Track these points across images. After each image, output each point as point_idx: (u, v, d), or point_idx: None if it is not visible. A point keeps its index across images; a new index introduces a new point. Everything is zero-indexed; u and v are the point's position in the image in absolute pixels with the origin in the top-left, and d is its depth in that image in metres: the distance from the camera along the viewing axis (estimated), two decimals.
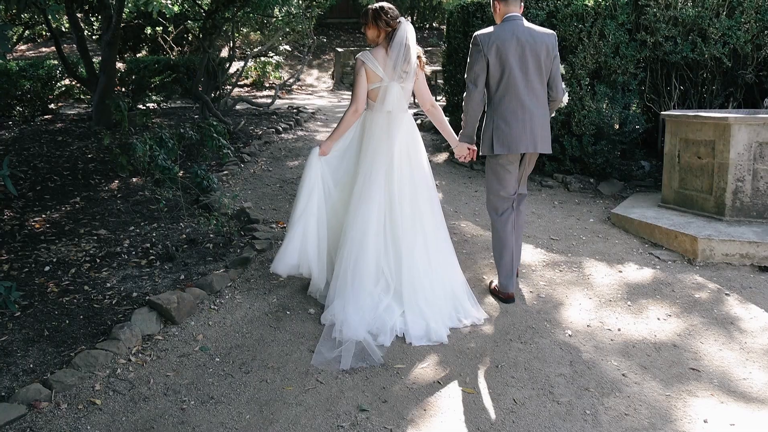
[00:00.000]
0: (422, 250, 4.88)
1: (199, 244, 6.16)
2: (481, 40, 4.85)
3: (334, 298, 4.76)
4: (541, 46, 4.84)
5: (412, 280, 4.80)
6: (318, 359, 4.28)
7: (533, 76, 4.88)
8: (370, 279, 4.78)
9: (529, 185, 8.19)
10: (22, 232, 6.55)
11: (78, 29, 11.52)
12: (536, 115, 4.92)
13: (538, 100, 4.94)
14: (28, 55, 20.32)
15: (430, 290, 4.83)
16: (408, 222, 4.86)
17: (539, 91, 4.94)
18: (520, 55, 4.82)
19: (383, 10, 4.77)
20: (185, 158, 8.89)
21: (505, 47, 4.80)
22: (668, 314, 4.89)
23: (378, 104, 4.85)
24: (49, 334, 4.47)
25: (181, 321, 4.66)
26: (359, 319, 4.55)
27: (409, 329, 4.60)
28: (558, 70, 5.02)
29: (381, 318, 4.64)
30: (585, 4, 7.65)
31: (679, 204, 6.63)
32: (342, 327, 4.49)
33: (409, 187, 4.89)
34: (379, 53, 4.77)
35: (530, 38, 4.83)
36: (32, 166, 8.99)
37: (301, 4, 14.15)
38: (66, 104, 14.74)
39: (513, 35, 4.81)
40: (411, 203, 4.89)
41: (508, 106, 4.90)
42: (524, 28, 4.87)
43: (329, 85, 20.09)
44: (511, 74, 4.84)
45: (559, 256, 6.03)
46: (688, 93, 7.77)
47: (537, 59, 4.85)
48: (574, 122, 7.86)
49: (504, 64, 4.83)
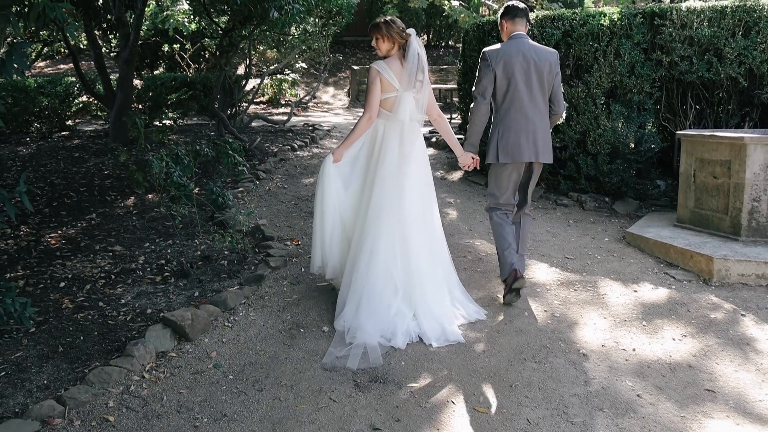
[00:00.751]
0: (427, 252, 5.10)
1: (213, 261, 6.17)
2: (490, 55, 5.29)
3: (346, 304, 4.91)
4: (544, 63, 5.27)
5: (420, 282, 5.00)
6: (329, 359, 4.46)
7: (536, 90, 5.29)
8: (382, 284, 4.92)
9: (545, 204, 8.20)
10: (38, 248, 6.59)
11: (96, 47, 11.62)
12: (539, 126, 5.31)
13: (540, 113, 5.34)
14: (46, 72, 20.50)
15: (436, 292, 5.06)
16: (417, 227, 5.06)
17: (542, 104, 5.35)
18: (525, 70, 5.23)
19: (394, 22, 5.00)
20: (201, 175, 8.93)
21: (511, 63, 5.22)
22: (683, 334, 4.86)
23: (392, 114, 5.02)
24: (63, 351, 4.49)
25: (195, 338, 4.66)
26: (373, 325, 4.72)
27: (426, 332, 4.79)
28: (559, 86, 5.43)
29: (393, 322, 4.80)
30: (600, 24, 7.65)
31: (694, 223, 6.60)
32: (356, 333, 4.66)
33: (417, 194, 5.10)
34: (394, 64, 4.98)
35: (535, 55, 5.26)
36: (49, 182, 9.06)
37: (318, 23, 14.21)
38: (83, 121, 14.85)
39: (519, 52, 5.24)
40: (419, 209, 5.11)
41: (512, 118, 5.28)
42: (529, 45, 5.32)
43: (345, 103, 20.14)
44: (516, 88, 5.24)
45: (573, 275, 6.01)
46: (704, 112, 7.74)
47: (540, 75, 5.27)
48: (589, 141, 7.86)
49: (510, 78, 5.24)
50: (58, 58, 22.52)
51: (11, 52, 4.18)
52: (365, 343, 4.57)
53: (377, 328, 4.72)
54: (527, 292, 5.61)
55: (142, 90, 13.49)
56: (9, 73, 4.14)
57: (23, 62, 4.23)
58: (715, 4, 7.44)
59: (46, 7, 4.26)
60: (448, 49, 23.73)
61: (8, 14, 4.25)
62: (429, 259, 5.10)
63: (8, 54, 4.16)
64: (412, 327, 4.83)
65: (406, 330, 4.79)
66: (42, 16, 4.29)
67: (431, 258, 5.13)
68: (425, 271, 5.04)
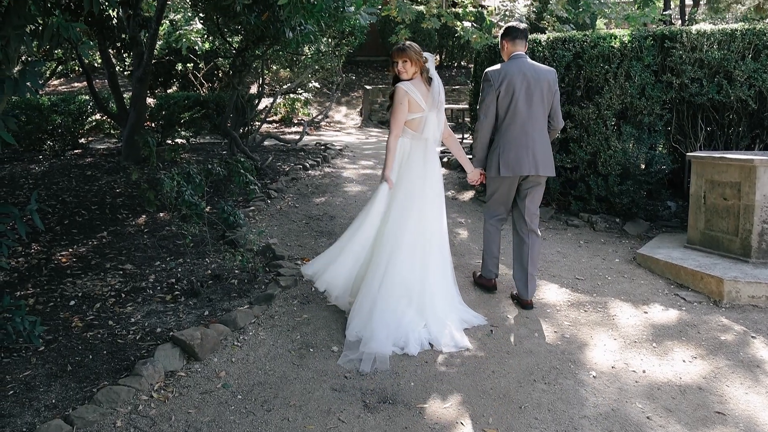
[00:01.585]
0: (439, 264, 5.36)
1: (224, 280, 6.19)
2: (492, 75, 5.59)
3: (360, 312, 5.07)
4: (543, 82, 5.54)
5: (432, 293, 5.23)
6: (343, 360, 4.72)
7: (536, 107, 5.55)
8: (397, 295, 5.08)
9: (555, 224, 8.19)
10: (49, 266, 6.62)
11: (110, 65, 11.71)
12: (538, 142, 5.58)
13: (540, 129, 5.61)
14: (60, 90, 20.66)
15: (446, 301, 5.32)
16: (433, 240, 5.30)
17: (541, 121, 5.61)
18: (525, 89, 5.50)
19: (415, 47, 5.27)
20: (212, 194, 8.97)
21: (512, 82, 5.50)
22: (694, 356, 4.83)
23: (418, 133, 5.30)
24: (72, 370, 4.50)
25: (204, 357, 4.66)
26: (386, 334, 4.88)
27: (438, 338, 4.99)
28: (558, 102, 5.70)
29: (405, 330, 4.98)
30: (611, 46, 7.67)
31: (705, 245, 6.58)
32: (370, 342, 4.81)
33: (435, 209, 5.35)
34: (420, 86, 5.26)
35: (534, 74, 5.53)
36: (61, 200, 9.11)
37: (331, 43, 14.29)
38: (96, 139, 14.94)
39: (520, 71, 5.51)
40: (436, 223, 5.35)
41: (513, 133, 5.57)
42: (529, 65, 5.59)
43: (357, 122, 20.20)
44: (516, 105, 5.52)
45: (584, 296, 5.99)
46: (715, 134, 7.73)
47: (540, 93, 5.54)
48: (600, 162, 7.86)
49: (511, 97, 5.52)
50: (72, 76, 22.69)
51: (24, 71, 4.22)
52: (380, 353, 4.73)
53: (390, 337, 4.89)
54: (537, 313, 5.60)
55: (156, 108, 13.57)
56: (22, 92, 4.18)
57: (36, 81, 4.27)
58: (724, 27, 7.46)
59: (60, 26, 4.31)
60: (461, 69, 23.81)
61: (22, 34, 4.30)
62: (441, 270, 5.37)
63: (21, 73, 4.20)
64: (423, 335, 5.03)
65: (418, 338, 4.98)
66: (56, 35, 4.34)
67: (443, 269, 5.39)
68: (438, 283, 5.30)
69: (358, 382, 4.43)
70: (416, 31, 20.81)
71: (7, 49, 4.18)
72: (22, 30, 4.35)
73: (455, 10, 17.45)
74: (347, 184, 10.40)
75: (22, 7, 4.35)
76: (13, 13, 4.34)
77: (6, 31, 4.22)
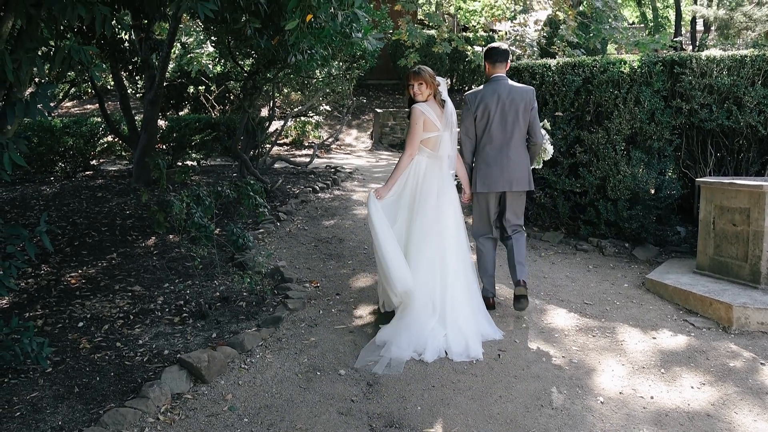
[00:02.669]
0: (462, 275, 5.61)
1: (232, 302, 6.19)
2: (469, 99, 6.01)
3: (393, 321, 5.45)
4: (519, 102, 5.86)
5: (453, 303, 5.48)
6: (360, 363, 5.03)
7: (511, 126, 5.88)
8: (422, 304, 5.39)
9: (564, 248, 8.19)
10: (58, 287, 6.64)
11: (122, 88, 11.79)
12: (512, 160, 5.92)
13: (516, 147, 5.95)
14: (73, 112, 20.79)
15: (468, 310, 5.53)
16: (453, 253, 5.59)
17: (517, 139, 5.94)
18: (501, 110, 5.86)
19: (431, 71, 5.66)
20: (222, 216, 8.99)
21: (488, 104, 5.87)
22: (702, 383, 4.80)
23: (433, 151, 5.64)
24: (79, 391, 4.51)
25: (211, 380, 4.67)
26: (407, 341, 5.21)
27: (451, 347, 5.25)
28: (536, 119, 5.99)
29: (425, 338, 5.27)
30: (621, 71, 7.69)
31: (714, 271, 6.56)
32: (392, 347, 5.14)
33: (453, 223, 5.66)
34: (434, 107, 5.64)
35: (509, 95, 5.86)
36: (71, 221, 9.15)
37: (342, 66, 14.36)
38: (107, 160, 15.01)
39: (495, 93, 5.87)
40: (455, 236, 5.64)
41: (489, 153, 5.94)
42: (505, 86, 5.92)
43: (368, 145, 20.25)
44: (492, 126, 5.90)
45: (592, 321, 5.97)
46: (724, 160, 7.72)
47: (516, 112, 5.86)
48: (609, 187, 7.85)
49: (487, 119, 5.90)
50: (85, 98, 22.83)
51: (36, 93, 4.26)
52: (397, 357, 5.06)
53: (411, 342, 5.21)
54: (545, 338, 5.58)
55: (167, 131, 13.64)
56: (33, 115, 4.23)
57: (48, 103, 4.32)
58: (734, 53, 7.48)
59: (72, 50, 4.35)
60: None
61: (34, 57, 4.34)
62: (464, 282, 5.61)
63: (33, 95, 4.25)
64: (441, 344, 5.29)
65: (437, 347, 5.24)
66: (68, 58, 4.38)
67: (466, 281, 5.63)
68: (460, 294, 5.54)
69: (365, 406, 4.42)
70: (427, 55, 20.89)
71: (19, 71, 4.23)
72: (34, 53, 4.40)
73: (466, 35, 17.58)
74: (357, 207, 10.41)
75: (34, 31, 4.41)
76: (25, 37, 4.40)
77: (18, 54, 4.27)
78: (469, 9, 15.58)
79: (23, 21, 4.36)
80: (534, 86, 8.12)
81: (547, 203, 8.54)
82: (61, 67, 4.47)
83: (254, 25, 6.55)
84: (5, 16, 4.23)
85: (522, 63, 8.83)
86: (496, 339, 5.54)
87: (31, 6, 4.25)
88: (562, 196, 8.36)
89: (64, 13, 4.26)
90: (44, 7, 4.34)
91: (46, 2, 4.25)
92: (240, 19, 6.59)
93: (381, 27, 13.13)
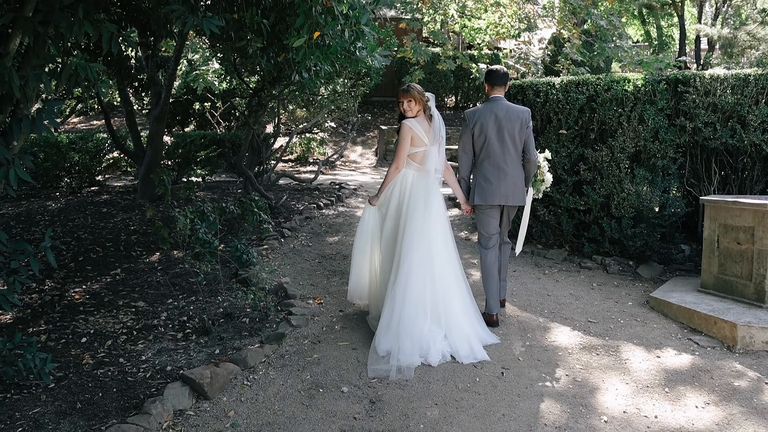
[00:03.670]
0: (453, 279, 5.88)
1: (235, 318, 6.19)
2: (468, 116, 6.33)
3: (387, 330, 5.55)
4: (515, 121, 6.19)
5: (446, 305, 5.75)
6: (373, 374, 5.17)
7: (508, 144, 6.20)
8: (415, 308, 5.59)
9: (568, 266, 8.19)
10: (62, 303, 6.65)
11: (128, 104, 11.83)
12: (509, 175, 6.22)
13: (512, 164, 6.24)
14: (79, 128, 20.87)
15: (463, 314, 5.82)
16: (441, 258, 5.83)
17: (513, 156, 6.24)
18: (497, 128, 6.17)
19: (420, 88, 5.97)
20: (226, 232, 9.00)
21: (486, 122, 6.19)
22: (707, 402, 4.78)
23: (421, 165, 5.95)
24: (81, 407, 4.50)
25: (213, 396, 4.66)
26: (411, 346, 5.40)
27: (458, 350, 5.52)
28: (531, 137, 6.32)
29: (427, 341, 5.51)
30: (625, 90, 7.71)
31: (718, 289, 6.54)
32: (399, 355, 5.31)
33: (440, 231, 5.91)
34: (423, 123, 5.94)
35: (506, 114, 6.18)
36: (76, 236, 9.17)
37: (347, 83, 14.40)
38: (113, 176, 15.06)
39: (492, 112, 6.20)
40: (443, 243, 5.90)
41: (486, 168, 6.25)
42: (503, 106, 6.24)
43: (372, 162, 20.28)
44: (489, 143, 6.21)
45: (596, 339, 5.96)
46: (728, 178, 7.73)
47: (512, 131, 6.19)
48: (613, 205, 7.86)
49: (485, 136, 6.21)
50: (91, 114, 22.93)
51: (42, 109, 4.28)
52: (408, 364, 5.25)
53: (415, 346, 5.42)
54: (549, 356, 5.57)
55: (172, 147, 13.67)
56: (40, 130, 4.25)
57: (54, 120, 4.34)
58: (738, 72, 7.49)
59: (78, 67, 4.38)
60: None
61: (41, 74, 4.37)
62: (455, 284, 5.87)
63: (39, 112, 4.27)
64: (444, 347, 5.55)
65: (439, 349, 5.50)
66: (74, 75, 4.41)
67: (457, 283, 5.89)
68: (453, 296, 5.81)
69: (367, 424, 4.41)
70: (432, 72, 21.00)
71: (26, 88, 4.25)
72: (40, 70, 4.42)
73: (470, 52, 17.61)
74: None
75: (41, 48, 4.44)
76: (32, 54, 4.42)
77: (25, 71, 4.29)
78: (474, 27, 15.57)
79: (31, 38, 4.39)
80: (538, 104, 8.21)
81: (551, 221, 8.55)
82: (68, 84, 4.49)
83: (256, 44, 6.61)
84: (13, 34, 4.26)
85: (526, 81, 8.85)
86: (494, 343, 5.80)
87: (38, 24, 4.28)
88: (566, 213, 8.37)
89: (72, 31, 4.29)
90: (52, 25, 4.36)
91: (54, 20, 4.29)
92: (245, 37, 6.63)
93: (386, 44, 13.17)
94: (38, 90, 4.54)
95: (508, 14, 14.80)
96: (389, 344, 5.44)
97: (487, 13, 14.83)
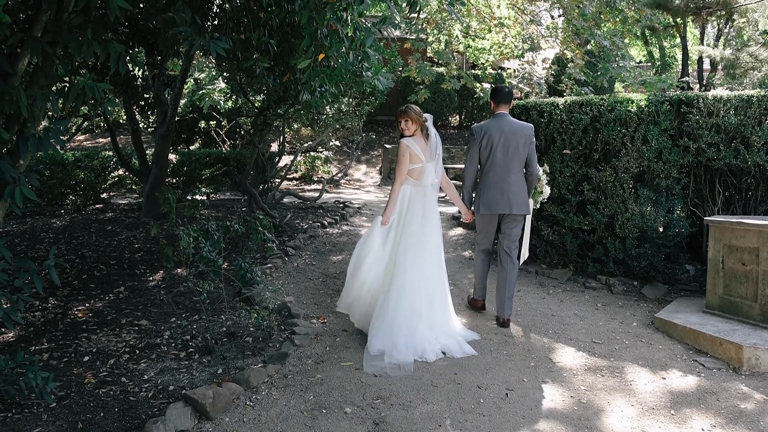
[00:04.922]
0: (442, 286, 6.41)
1: (238, 337, 6.19)
2: (476, 130, 6.77)
3: (379, 330, 5.91)
4: (520, 137, 6.61)
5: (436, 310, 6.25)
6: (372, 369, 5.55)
7: (512, 157, 6.62)
8: (409, 312, 6.00)
9: (573, 286, 8.17)
10: (65, 321, 6.65)
11: (134, 123, 11.87)
12: (513, 185, 6.63)
13: (515, 175, 6.66)
14: (85, 146, 20.94)
15: (449, 317, 6.40)
16: (433, 267, 6.29)
17: (516, 168, 6.66)
18: (503, 143, 6.59)
19: (418, 108, 6.34)
20: (230, 250, 9.00)
21: (492, 136, 6.62)
22: (713, 425, 4.75)
23: (418, 180, 6.31)
24: (82, 427, 4.49)
25: (215, 417, 4.65)
26: (404, 343, 5.81)
27: (449, 347, 6.01)
28: (534, 152, 6.74)
29: (420, 341, 5.92)
30: (628, 110, 7.73)
31: (723, 310, 6.52)
32: (392, 353, 5.70)
33: (435, 242, 6.36)
34: (420, 141, 6.30)
35: (511, 130, 6.62)
36: (80, 254, 9.18)
37: (352, 103, 14.44)
38: (118, 194, 15.09)
39: (498, 128, 6.63)
40: (436, 253, 6.36)
41: (491, 179, 6.67)
42: (508, 122, 6.68)
43: (377, 180, 20.30)
44: (495, 156, 6.64)
45: (601, 360, 5.93)
46: (732, 198, 7.72)
47: (516, 146, 6.61)
48: (617, 225, 7.85)
49: (490, 149, 6.64)
50: (97, 132, 23.02)
51: (49, 128, 4.30)
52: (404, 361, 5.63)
53: (410, 346, 5.81)
54: (553, 377, 5.54)
55: (177, 165, 13.72)
56: (46, 149, 4.27)
57: (59, 139, 4.36)
58: (741, 93, 7.51)
59: (85, 86, 4.40)
60: None
61: (48, 93, 4.39)
62: (442, 291, 6.39)
63: (46, 130, 4.29)
64: (437, 347, 5.98)
65: (433, 349, 5.92)
66: (81, 95, 4.43)
67: (443, 290, 6.42)
68: (441, 301, 6.34)
69: None
70: (436, 91, 21.05)
71: (33, 107, 4.28)
72: (48, 89, 4.45)
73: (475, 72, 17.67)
74: None
75: (49, 67, 4.47)
76: (40, 73, 4.45)
77: (33, 90, 4.32)
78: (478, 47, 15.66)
79: (39, 58, 4.42)
80: (542, 124, 8.26)
81: (555, 240, 8.55)
82: (75, 103, 4.52)
83: (263, 64, 6.64)
84: (22, 54, 4.29)
85: (530, 101, 8.87)
86: (475, 339, 6.31)
87: (47, 44, 4.31)
88: (570, 233, 8.37)
89: (80, 51, 4.32)
90: (60, 45, 4.40)
91: (63, 40, 4.32)
92: (251, 57, 6.66)
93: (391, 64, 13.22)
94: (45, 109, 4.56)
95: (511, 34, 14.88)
96: (381, 344, 5.79)
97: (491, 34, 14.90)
